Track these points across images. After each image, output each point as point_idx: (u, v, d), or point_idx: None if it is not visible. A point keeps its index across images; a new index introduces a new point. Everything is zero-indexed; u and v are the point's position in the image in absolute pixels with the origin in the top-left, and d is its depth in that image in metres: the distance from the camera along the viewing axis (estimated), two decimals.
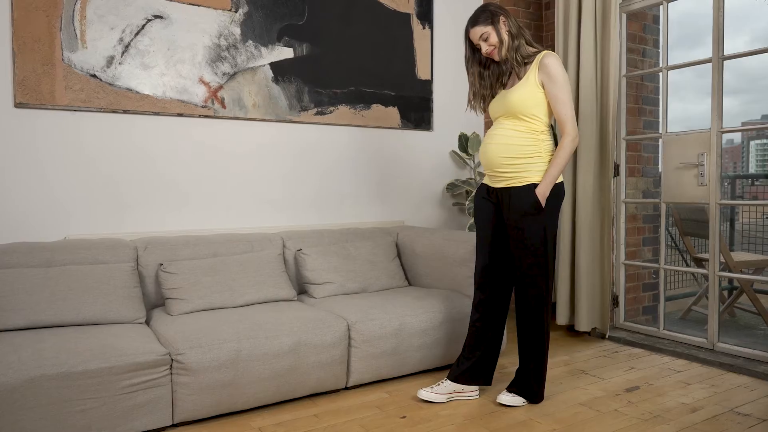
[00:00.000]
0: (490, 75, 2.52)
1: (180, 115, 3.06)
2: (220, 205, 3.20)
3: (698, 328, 3.86)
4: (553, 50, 3.99)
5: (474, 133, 3.88)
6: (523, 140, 2.36)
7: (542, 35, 4.18)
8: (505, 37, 2.40)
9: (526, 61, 2.40)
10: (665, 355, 3.15)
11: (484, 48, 2.41)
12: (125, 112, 2.92)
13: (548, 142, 2.40)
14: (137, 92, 2.95)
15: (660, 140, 3.36)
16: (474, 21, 2.43)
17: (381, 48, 3.71)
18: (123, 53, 2.91)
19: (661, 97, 3.35)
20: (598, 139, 3.40)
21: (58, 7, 2.76)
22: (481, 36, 2.40)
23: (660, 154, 3.44)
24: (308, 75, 3.44)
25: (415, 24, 3.86)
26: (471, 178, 3.91)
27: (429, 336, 2.74)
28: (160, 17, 3.00)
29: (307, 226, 3.44)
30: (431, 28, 3.92)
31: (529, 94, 2.35)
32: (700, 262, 4.20)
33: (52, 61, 2.74)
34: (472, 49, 2.49)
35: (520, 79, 2.40)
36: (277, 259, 2.96)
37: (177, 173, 3.07)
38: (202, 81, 3.12)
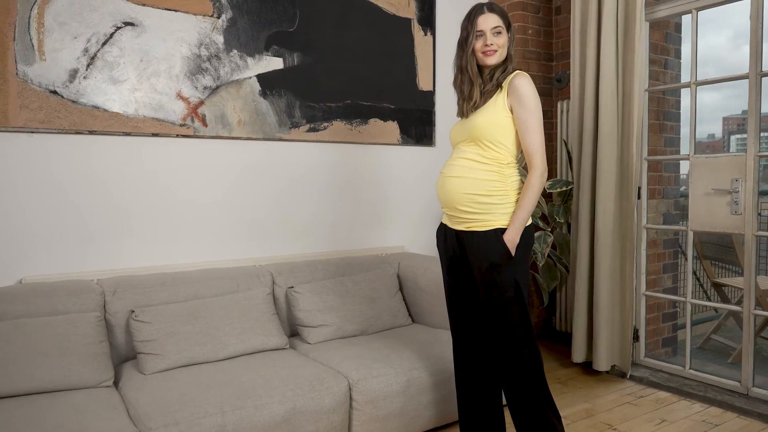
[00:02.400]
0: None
1: (155, 135, 2.70)
2: (202, 235, 2.84)
3: (720, 361, 3.59)
4: (568, 59, 3.69)
5: None
6: (487, 173, 2.01)
7: (552, 42, 3.87)
8: (507, 50, 2.07)
9: (499, 81, 2.05)
10: (695, 400, 2.86)
11: (490, 40, 2.01)
12: (91, 132, 2.56)
13: (515, 178, 2.05)
14: (105, 110, 2.58)
15: (686, 162, 3.06)
16: (491, 7, 2.05)
17: (379, 57, 3.37)
18: (88, 66, 2.54)
19: (690, 115, 3.05)
20: (618, 161, 3.09)
21: (11, 14, 2.38)
22: (494, 28, 2.02)
23: (680, 176, 3.16)
24: (300, 88, 3.09)
25: (416, 30, 3.52)
26: None
27: (440, 390, 2.42)
28: (131, 24, 2.63)
29: (300, 256, 3.10)
30: (433, 34, 3.58)
31: (496, 118, 2.00)
32: (719, 287, 3.93)
33: (4, 75, 2.37)
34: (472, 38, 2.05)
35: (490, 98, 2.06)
36: (265, 300, 2.61)
37: (152, 201, 2.70)
38: (180, 96, 2.76)
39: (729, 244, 3.66)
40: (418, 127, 3.55)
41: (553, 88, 3.87)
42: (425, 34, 3.55)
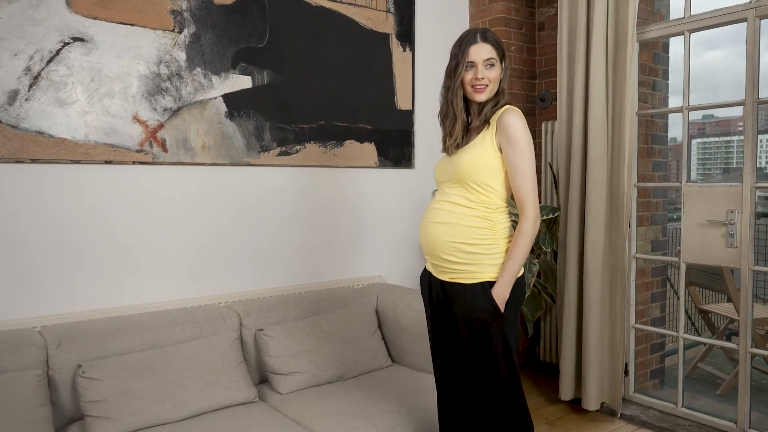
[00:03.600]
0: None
1: (108, 162, 2.43)
2: (162, 272, 2.58)
3: (709, 392, 3.48)
4: (552, 77, 3.54)
5: None
6: (474, 220, 1.82)
7: (535, 59, 3.71)
8: (499, 83, 1.88)
9: (487, 117, 1.87)
10: None
11: (481, 74, 1.82)
12: (34, 161, 2.28)
13: (505, 225, 1.86)
14: (51, 135, 2.30)
15: (680, 191, 2.92)
16: (484, 35, 1.84)
17: (355, 74, 3.15)
18: (31, 86, 2.26)
19: (683, 140, 2.91)
20: (608, 188, 2.94)
21: None
22: (487, 60, 1.83)
23: (668, 201, 3.02)
24: (270, 108, 2.85)
25: (395, 46, 3.31)
26: None
27: None
28: (81, 40, 2.35)
29: (271, 291, 2.86)
30: (412, 50, 3.39)
31: (483, 158, 1.82)
32: (705, 314, 3.83)
33: None
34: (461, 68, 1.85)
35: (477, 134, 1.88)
36: (232, 347, 2.37)
37: (105, 236, 2.43)
38: (137, 119, 2.49)
39: (717, 272, 3.55)
40: (396, 148, 3.34)
41: (536, 107, 3.71)
42: (404, 50, 3.35)
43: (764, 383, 3.64)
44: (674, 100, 3.50)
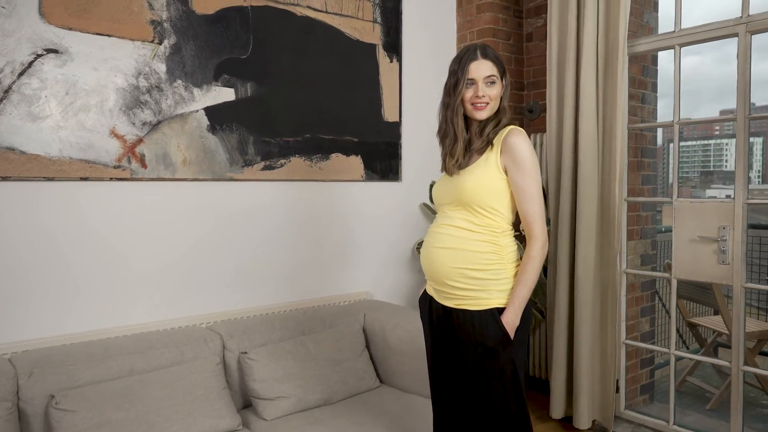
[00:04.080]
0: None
1: (84, 179, 2.33)
2: (141, 292, 2.47)
3: (699, 407, 3.45)
4: (540, 88, 3.49)
5: None
6: (480, 245, 1.76)
7: (523, 70, 3.67)
8: (500, 101, 1.82)
9: (490, 137, 1.81)
10: None
11: (482, 92, 1.76)
12: (5, 179, 2.16)
13: (511, 249, 1.80)
14: (22, 152, 2.19)
15: (670, 206, 2.89)
16: (484, 52, 1.78)
17: (342, 86, 3.07)
18: (1, 100, 2.15)
19: (673, 155, 2.88)
20: (599, 204, 2.90)
21: None
22: (488, 77, 1.76)
23: (663, 220, 2.99)
24: (254, 121, 2.77)
25: (382, 57, 3.24)
26: None
27: None
28: (55, 51, 2.25)
29: (256, 310, 2.76)
30: (400, 61, 3.32)
31: (487, 180, 1.76)
32: (694, 327, 3.81)
33: None
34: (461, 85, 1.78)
35: (480, 155, 1.81)
36: (214, 372, 2.27)
37: (80, 256, 2.32)
38: (114, 134, 2.39)
39: (706, 285, 3.53)
40: (383, 161, 3.27)
41: (524, 119, 3.67)
42: (391, 61, 3.28)
43: (752, 396, 3.62)
44: (660, 104, 3.49)
